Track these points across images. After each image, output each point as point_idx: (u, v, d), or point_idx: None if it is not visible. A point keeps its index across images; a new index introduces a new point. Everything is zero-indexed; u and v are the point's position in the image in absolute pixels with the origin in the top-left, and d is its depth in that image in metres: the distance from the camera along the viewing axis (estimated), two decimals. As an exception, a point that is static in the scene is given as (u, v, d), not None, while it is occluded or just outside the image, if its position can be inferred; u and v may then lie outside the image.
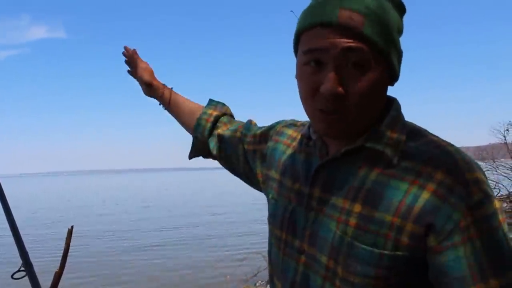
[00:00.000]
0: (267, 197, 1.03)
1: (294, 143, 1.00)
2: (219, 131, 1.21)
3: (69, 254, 1.45)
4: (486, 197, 0.72)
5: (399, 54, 0.82)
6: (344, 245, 0.78)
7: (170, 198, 30.47)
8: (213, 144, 1.21)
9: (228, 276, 8.00)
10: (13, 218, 1.63)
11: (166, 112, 1.36)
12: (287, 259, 0.90)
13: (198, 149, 1.27)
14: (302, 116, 1.01)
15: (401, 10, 0.83)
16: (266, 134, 1.10)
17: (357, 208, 0.79)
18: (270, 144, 1.07)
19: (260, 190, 1.14)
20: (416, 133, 0.82)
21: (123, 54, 1.39)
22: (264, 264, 7.77)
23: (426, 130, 0.84)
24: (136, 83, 1.40)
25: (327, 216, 0.82)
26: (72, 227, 1.37)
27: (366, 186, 0.79)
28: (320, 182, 0.86)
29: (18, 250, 1.54)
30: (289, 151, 0.99)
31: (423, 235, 0.73)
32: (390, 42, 0.78)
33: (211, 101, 1.28)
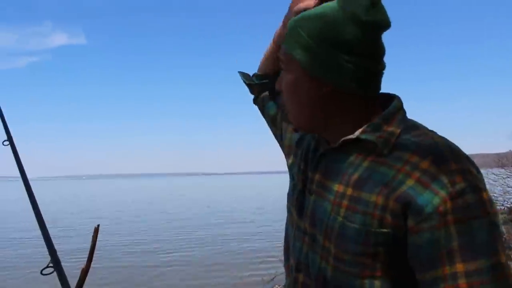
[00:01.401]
0: (289, 171, 1.11)
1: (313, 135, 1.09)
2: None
3: (95, 252, 1.51)
4: (470, 186, 0.76)
5: (324, 67, 0.86)
6: (337, 225, 0.85)
7: (186, 203, 30.62)
8: (261, 93, 1.31)
9: (245, 280, 8.03)
10: (42, 217, 1.71)
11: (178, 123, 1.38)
12: (297, 239, 0.98)
13: (253, 85, 1.31)
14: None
15: (365, 27, 0.83)
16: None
17: (349, 191, 0.86)
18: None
19: (279, 142, 1.24)
20: (412, 127, 0.88)
21: None
22: (282, 269, 7.79)
23: (424, 126, 0.89)
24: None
25: (325, 199, 0.90)
26: (98, 225, 1.44)
27: (358, 172, 0.87)
28: (321, 169, 0.95)
29: (47, 247, 1.62)
30: (309, 138, 1.06)
31: (403, 214, 0.78)
32: (305, 54, 0.88)
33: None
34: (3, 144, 2.03)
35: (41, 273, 1.53)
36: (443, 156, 0.79)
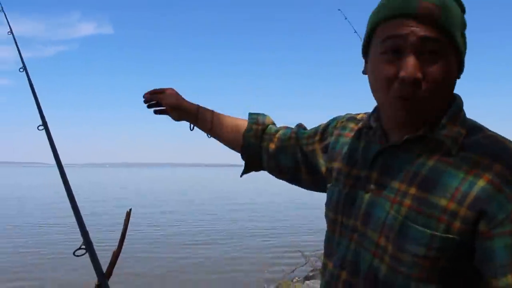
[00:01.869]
0: (329, 184, 1.06)
1: (354, 135, 1.04)
2: (269, 144, 1.22)
3: (126, 235, 1.54)
4: None
5: (465, 47, 0.88)
6: (397, 224, 0.82)
7: (209, 193, 30.83)
8: (265, 158, 1.24)
9: (265, 271, 8.07)
10: (75, 201, 1.75)
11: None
12: (341, 239, 0.95)
13: (250, 166, 1.29)
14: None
15: (463, 9, 0.88)
16: (325, 131, 1.14)
17: (413, 190, 0.83)
18: (331, 139, 1.10)
19: (323, 190, 1.14)
20: (476, 128, 0.86)
21: (144, 101, 1.35)
22: (302, 261, 7.79)
23: (486, 128, 0.87)
24: None
25: (383, 197, 0.87)
26: (130, 209, 1.47)
27: (423, 171, 0.83)
28: (379, 166, 0.91)
29: (79, 229, 1.66)
30: (350, 142, 1.03)
31: (475, 220, 0.76)
32: (461, 35, 0.85)
33: (251, 115, 1.29)
34: (38, 129, 2.09)
35: (73, 254, 1.57)
36: None
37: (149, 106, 1.36)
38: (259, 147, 1.24)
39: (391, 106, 0.86)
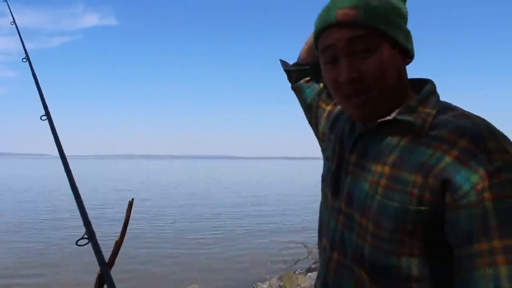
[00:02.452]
0: (323, 153, 1.14)
1: (346, 116, 1.10)
2: (305, 80, 1.31)
3: (128, 225, 1.55)
4: (507, 165, 0.77)
5: (405, 33, 0.92)
6: (375, 203, 0.87)
7: (213, 186, 30.92)
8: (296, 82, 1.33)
9: (268, 263, 8.10)
10: (78, 191, 1.76)
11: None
12: (330, 218, 1.00)
13: (289, 77, 1.37)
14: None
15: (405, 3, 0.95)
16: (330, 97, 1.21)
17: (387, 170, 0.88)
18: (337, 109, 1.16)
19: (313, 128, 1.27)
20: (448, 109, 0.89)
21: None
22: (305, 253, 7.82)
23: (460, 108, 0.90)
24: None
25: (362, 179, 0.92)
26: (132, 199, 1.47)
27: (396, 151, 0.88)
28: (358, 150, 0.97)
29: (82, 219, 1.67)
30: (343, 121, 1.09)
31: (442, 190, 0.79)
32: (389, 24, 0.89)
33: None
34: (41, 119, 2.09)
35: (76, 243, 1.58)
36: (481, 135, 0.80)
37: None
38: (306, 69, 1.31)
39: (346, 107, 0.95)
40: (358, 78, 0.88)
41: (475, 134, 0.80)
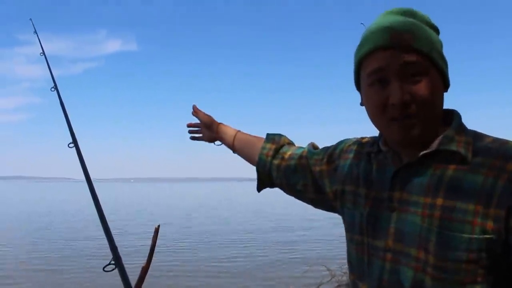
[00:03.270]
0: (342, 209, 1.10)
1: (363, 158, 1.08)
2: (281, 162, 1.28)
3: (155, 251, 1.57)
4: None
5: (445, 63, 0.95)
6: (433, 235, 0.86)
7: (236, 208, 30.83)
8: (275, 175, 1.30)
9: (291, 287, 8.00)
10: (105, 217, 1.80)
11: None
12: (372, 260, 0.97)
13: (264, 182, 1.36)
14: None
15: (436, 30, 0.97)
16: (332, 154, 1.18)
17: (440, 201, 0.87)
18: (340, 162, 1.14)
19: (328, 210, 1.21)
20: (480, 136, 0.92)
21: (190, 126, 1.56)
22: (328, 276, 7.70)
23: (486, 134, 0.93)
24: None
25: (411, 213, 0.90)
26: (158, 226, 1.50)
27: (445, 182, 0.88)
28: (399, 185, 0.94)
29: (109, 245, 1.70)
30: (360, 165, 1.07)
31: (506, 217, 0.81)
32: (436, 52, 0.92)
33: (268, 135, 1.37)
34: (69, 147, 2.15)
35: (103, 269, 1.61)
36: None
37: (190, 132, 1.56)
38: (270, 164, 1.31)
39: (389, 129, 0.93)
40: (409, 101, 0.88)
41: None
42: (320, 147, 1.26)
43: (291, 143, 1.37)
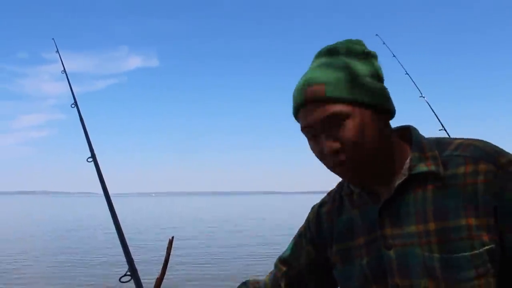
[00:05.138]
0: (335, 273, 1.05)
1: (336, 213, 1.06)
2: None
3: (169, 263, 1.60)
4: None
5: (379, 93, 0.92)
6: (436, 262, 0.85)
7: (256, 225, 30.74)
8: None
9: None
10: (122, 231, 1.85)
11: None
12: None
13: None
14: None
15: (368, 57, 0.95)
16: (305, 235, 1.13)
17: (432, 226, 0.87)
18: (314, 235, 1.10)
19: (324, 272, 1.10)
20: (442, 144, 0.93)
21: None
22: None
23: (446, 138, 0.96)
24: None
25: (409, 246, 0.89)
26: (172, 237, 1.53)
27: (429, 205, 0.88)
28: (387, 221, 0.93)
29: (125, 257, 1.75)
30: (339, 220, 1.05)
31: (495, 221, 0.83)
32: (358, 88, 0.89)
33: None
34: (87, 161, 2.21)
35: (119, 280, 1.65)
36: (490, 155, 0.86)
37: None
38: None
39: (337, 174, 0.94)
40: (339, 148, 0.88)
41: (486, 156, 0.86)
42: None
43: (256, 281, 1.23)
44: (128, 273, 1.68)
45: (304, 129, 0.93)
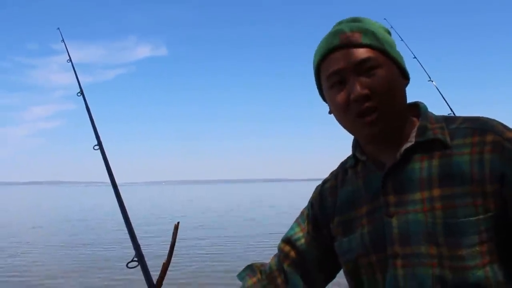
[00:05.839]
0: (336, 247, 1.04)
1: (340, 185, 1.05)
2: (278, 279, 1.12)
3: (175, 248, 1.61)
4: None
5: (401, 57, 0.97)
6: (440, 228, 0.85)
7: (267, 212, 30.83)
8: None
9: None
10: (128, 216, 1.86)
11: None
12: (381, 272, 0.93)
13: None
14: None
15: (387, 32, 1.00)
16: (307, 215, 1.13)
17: (437, 192, 0.87)
18: (318, 213, 1.10)
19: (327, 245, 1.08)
20: (450, 119, 0.96)
21: None
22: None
23: (452, 115, 0.96)
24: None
25: (412, 213, 0.89)
26: (178, 223, 1.54)
27: (434, 171, 0.89)
28: (391, 188, 0.93)
29: (132, 242, 1.77)
30: (342, 191, 1.04)
31: (501, 188, 0.84)
32: (388, 46, 0.94)
33: (239, 276, 1.18)
34: (94, 149, 2.23)
35: (126, 266, 1.67)
36: (497, 129, 0.88)
37: None
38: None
39: (356, 126, 0.94)
40: (369, 95, 0.90)
41: (492, 129, 0.87)
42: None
43: (261, 265, 1.19)
44: (135, 258, 1.70)
45: (332, 74, 0.93)
